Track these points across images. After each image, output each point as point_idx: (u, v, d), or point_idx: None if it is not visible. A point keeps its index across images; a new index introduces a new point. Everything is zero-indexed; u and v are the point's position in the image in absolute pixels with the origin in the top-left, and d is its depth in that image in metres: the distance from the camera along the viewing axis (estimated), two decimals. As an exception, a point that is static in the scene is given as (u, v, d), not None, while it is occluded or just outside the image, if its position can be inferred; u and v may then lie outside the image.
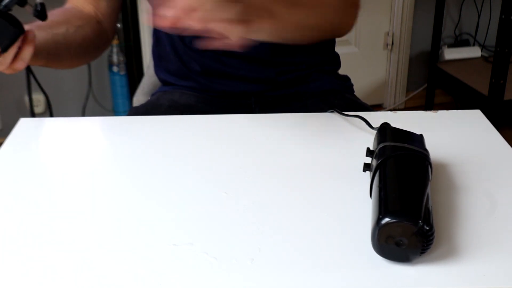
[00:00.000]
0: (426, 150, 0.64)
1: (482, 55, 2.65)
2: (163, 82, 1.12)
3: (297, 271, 0.54)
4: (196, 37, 0.68)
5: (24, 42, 0.80)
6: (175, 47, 1.06)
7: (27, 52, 0.80)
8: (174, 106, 1.03)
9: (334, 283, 0.53)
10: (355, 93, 1.11)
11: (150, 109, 1.04)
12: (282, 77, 1.04)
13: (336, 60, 1.12)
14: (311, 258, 0.56)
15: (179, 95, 1.06)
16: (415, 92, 2.74)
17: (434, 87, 2.64)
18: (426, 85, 2.70)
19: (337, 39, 1.11)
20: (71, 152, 0.77)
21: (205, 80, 1.05)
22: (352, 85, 1.11)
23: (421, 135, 0.67)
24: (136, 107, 1.10)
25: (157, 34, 1.10)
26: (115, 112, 2.42)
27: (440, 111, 0.85)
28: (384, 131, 0.67)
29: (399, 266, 0.54)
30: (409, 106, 2.73)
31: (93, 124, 0.88)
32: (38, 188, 0.68)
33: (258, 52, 1.01)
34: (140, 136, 0.81)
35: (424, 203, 0.55)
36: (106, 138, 0.84)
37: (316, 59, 1.06)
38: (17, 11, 0.78)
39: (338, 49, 1.11)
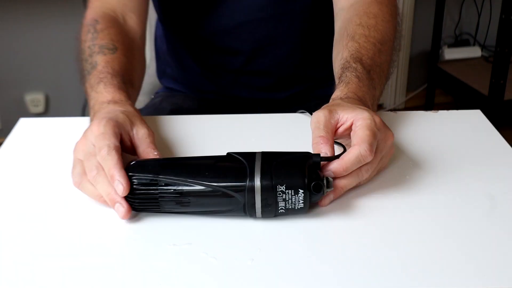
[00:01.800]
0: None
1: (482, 55, 2.65)
2: (166, 87, 1.13)
3: (297, 271, 0.54)
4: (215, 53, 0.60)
5: None
6: (183, 65, 1.06)
7: None
8: (176, 110, 1.04)
9: (333, 283, 0.53)
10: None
11: (152, 112, 1.04)
12: (291, 99, 1.05)
13: None
14: (311, 258, 0.56)
15: (183, 99, 1.07)
16: (415, 92, 2.74)
17: (434, 87, 2.64)
18: (426, 85, 2.70)
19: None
20: (71, 152, 0.77)
21: (216, 96, 1.06)
22: None
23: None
24: (138, 110, 1.10)
25: (158, 32, 1.10)
26: (115, 112, 2.42)
27: (440, 111, 0.85)
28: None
29: (399, 266, 0.54)
30: (409, 106, 2.73)
31: (93, 124, 0.87)
32: (38, 188, 0.68)
33: (285, 67, 1.02)
34: (140, 136, 0.81)
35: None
36: (106, 138, 0.84)
37: (326, 72, 1.06)
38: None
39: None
